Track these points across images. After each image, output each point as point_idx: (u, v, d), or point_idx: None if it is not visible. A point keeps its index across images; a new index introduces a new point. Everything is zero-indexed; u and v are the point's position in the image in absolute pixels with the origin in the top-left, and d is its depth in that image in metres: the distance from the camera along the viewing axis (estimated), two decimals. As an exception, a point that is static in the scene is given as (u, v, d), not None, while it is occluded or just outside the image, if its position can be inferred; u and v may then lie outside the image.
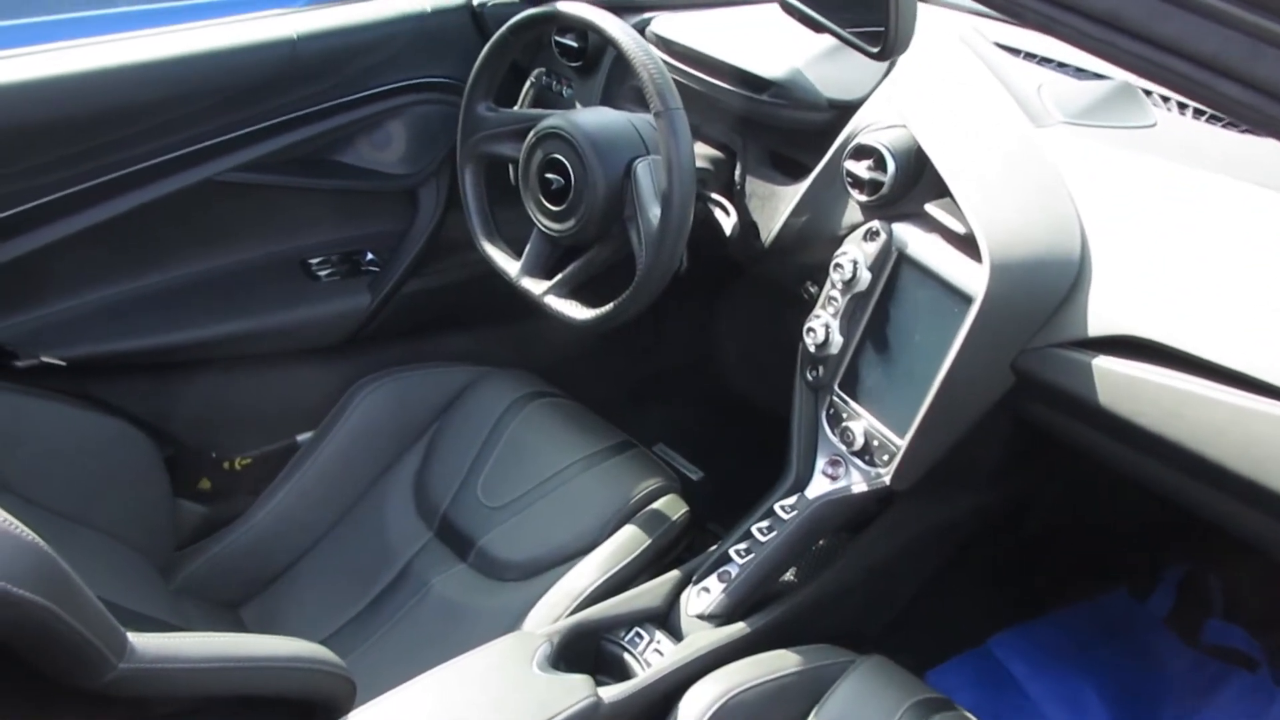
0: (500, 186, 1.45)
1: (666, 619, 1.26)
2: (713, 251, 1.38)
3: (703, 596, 1.25)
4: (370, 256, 1.67)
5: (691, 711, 1.05)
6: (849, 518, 1.27)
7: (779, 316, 1.41)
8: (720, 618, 1.23)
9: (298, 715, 0.94)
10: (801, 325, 1.22)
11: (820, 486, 1.23)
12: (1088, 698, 1.51)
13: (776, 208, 1.31)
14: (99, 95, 1.29)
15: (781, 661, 1.11)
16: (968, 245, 1.05)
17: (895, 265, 1.13)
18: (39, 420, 1.31)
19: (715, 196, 1.35)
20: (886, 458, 1.15)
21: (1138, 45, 0.45)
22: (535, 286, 1.36)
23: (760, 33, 1.38)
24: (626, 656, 1.20)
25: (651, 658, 1.19)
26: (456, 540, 1.46)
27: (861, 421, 1.17)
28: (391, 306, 1.66)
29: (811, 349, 1.20)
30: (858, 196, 1.17)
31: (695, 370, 2.03)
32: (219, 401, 1.57)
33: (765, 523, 1.25)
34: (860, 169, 1.15)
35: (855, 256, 1.15)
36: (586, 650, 1.21)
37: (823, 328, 1.18)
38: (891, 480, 1.14)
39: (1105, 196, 1.07)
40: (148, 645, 0.75)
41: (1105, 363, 0.99)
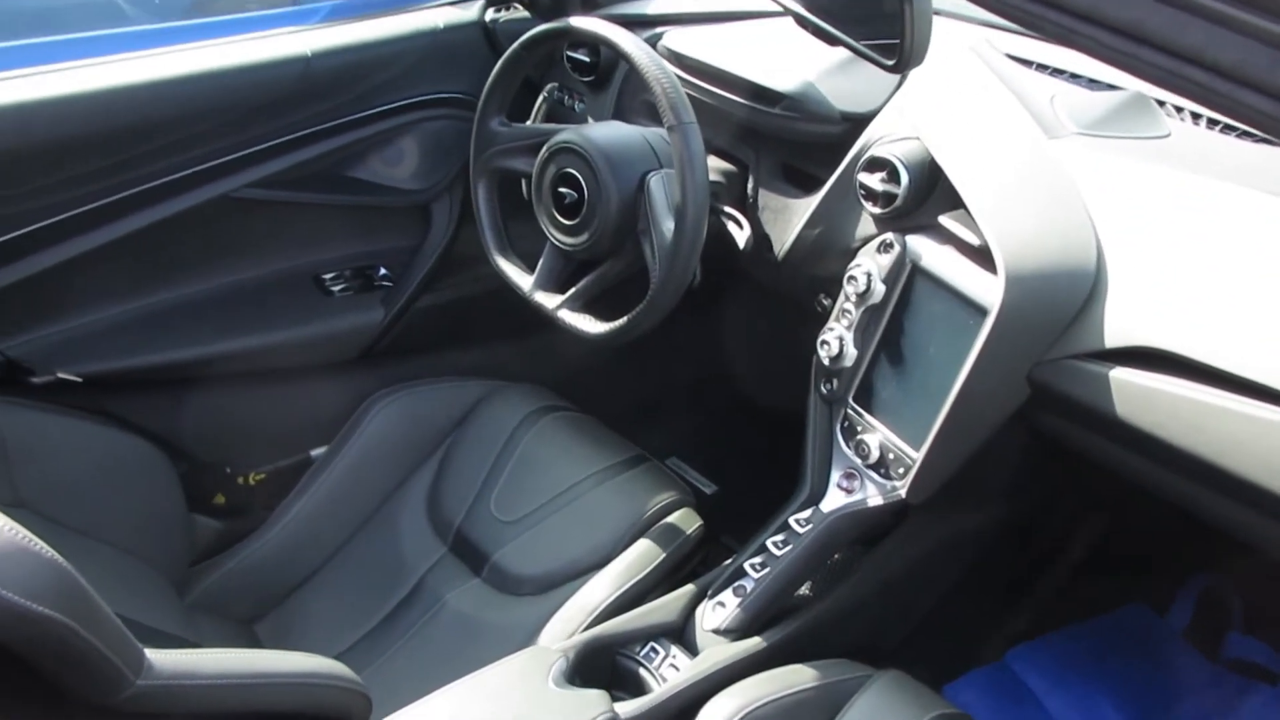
0: (513, 201, 1.45)
1: (682, 634, 1.25)
2: (726, 265, 1.38)
3: (718, 611, 1.25)
4: (383, 271, 1.68)
5: (708, 727, 1.05)
6: (864, 531, 1.26)
7: (790, 328, 1.41)
8: (736, 632, 1.23)
9: (314, 731, 0.94)
10: (813, 335, 1.22)
11: (835, 500, 1.22)
12: (1106, 712, 1.49)
13: (790, 220, 1.31)
14: (116, 113, 1.30)
15: (798, 676, 1.10)
16: (982, 257, 1.05)
17: (909, 277, 1.13)
18: (55, 436, 1.32)
19: (728, 210, 1.35)
20: (902, 471, 1.14)
21: (1159, 56, 0.45)
22: (549, 301, 1.36)
23: (771, 46, 1.38)
24: (642, 672, 1.19)
25: (667, 673, 1.18)
26: (470, 555, 1.45)
27: (876, 434, 1.17)
28: (405, 321, 1.67)
29: (825, 362, 1.20)
30: (871, 209, 1.17)
31: (708, 383, 2.03)
32: (233, 416, 1.57)
33: (780, 536, 1.25)
34: (873, 181, 1.15)
35: (869, 269, 1.15)
36: (602, 665, 1.21)
37: (837, 340, 1.18)
38: (907, 493, 1.14)
39: (1120, 207, 1.07)
40: (165, 662, 0.75)
41: (1122, 374, 0.98)
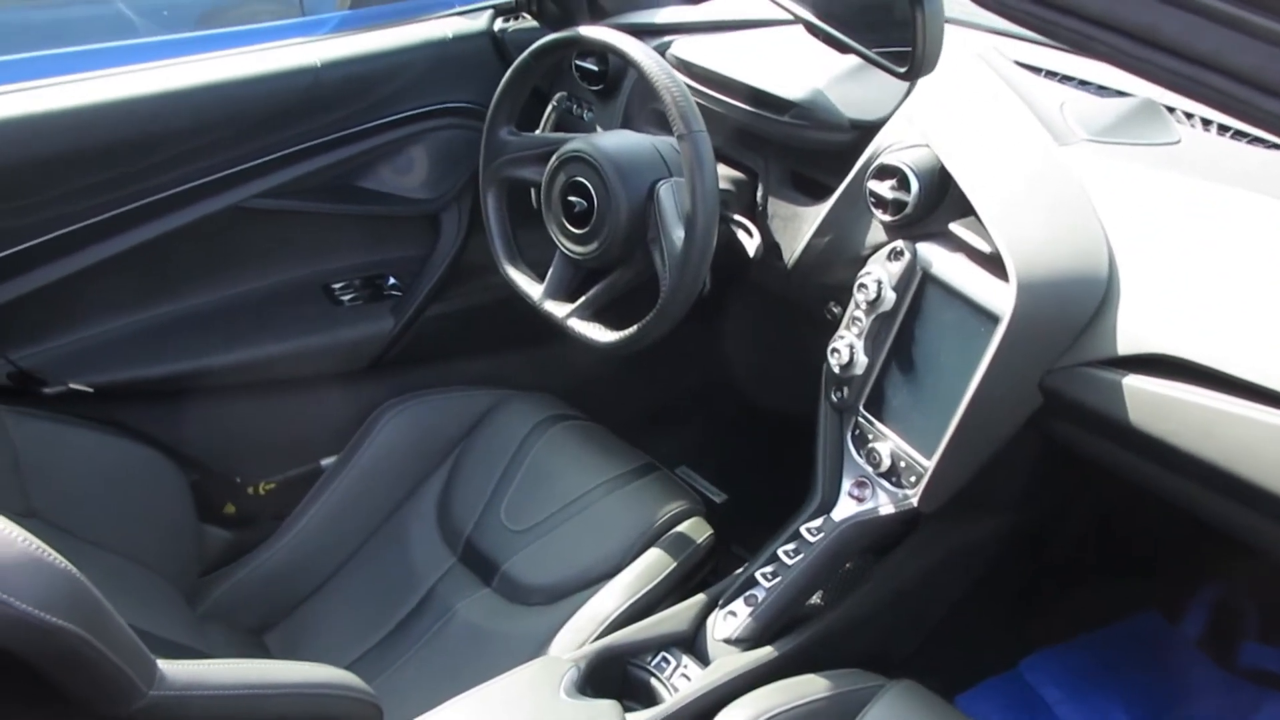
0: (522, 210, 1.45)
1: (693, 643, 1.25)
2: (735, 273, 1.38)
3: (729, 620, 1.24)
4: (393, 281, 1.68)
5: (721, 737, 1.04)
6: (876, 540, 1.26)
7: (800, 336, 1.40)
8: (747, 641, 1.22)
9: (325, 742, 0.94)
10: (823, 344, 1.21)
11: (847, 508, 1.22)
12: (1120, 722, 1.49)
13: (799, 228, 1.31)
14: (126, 124, 1.30)
15: (810, 686, 1.10)
16: (993, 264, 1.05)
17: (920, 285, 1.13)
18: (67, 447, 1.32)
19: (738, 218, 1.35)
20: (914, 479, 1.14)
21: (1175, 62, 0.44)
22: (558, 310, 1.36)
23: (780, 54, 1.38)
24: (653, 681, 1.19)
25: (679, 682, 1.18)
26: (480, 564, 1.45)
27: (888, 443, 1.17)
28: (414, 330, 1.67)
29: (836, 370, 1.20)
30: (881, 216, 1.16)
31: (717, 391, 2.02)
32: (243, 426, 1.58)
33: (791, 545, 1.24)
34: (883, 189, 1.15)
35: (879, 276, 1.14)
36: (613, 675, 1.20)
37: (847, 348, 1.18)
38: (919, 502, 1.13)
39: (1131, 214, 1.06)
40: (177, 673, 0.75)
41: (1135, 381, 0.98)
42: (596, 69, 1.51)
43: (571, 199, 1.28)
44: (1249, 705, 1.51)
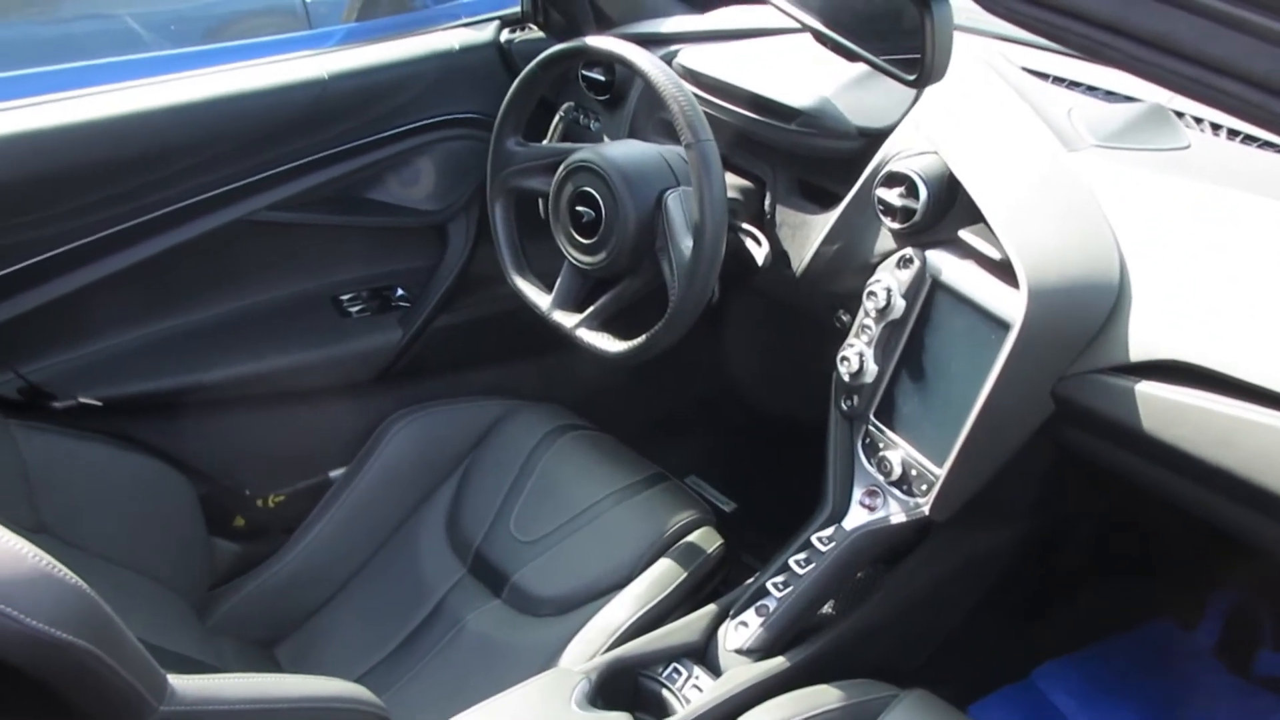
0: (530, 221, 1.45)
1: (704, 654, 1.24)
2: (744, 282, 1.37)
3: (741, 631, 1.24)
4: (401, 292, 1.68)
5: (734, 748, 1.04)
6: (887, 549, 1.25)
7: (808, 344, 1.40)
8: (759, 652, 1.22)
9: (336, 755, 0.93)
10: (832, 352, 1.21)
11: (858, 517, 1.21)
12: (1135, 730, 1.48)
13: (808, 236, 1.31)
14: (134, 138, 1.31)
15: (823, 697, 1.09)
16: (1003, 271, 1.04)
17: (930, 292, 1.12)
18: (76, 461, 1.32)
19: (746, 227, 1.35)
20: (925, 487, 1.13)
21: (1189, 68, 0.44)
22: (567, 319, 1.36)
23: (786, 63, 1.38)
24: (665, 693, 1.18)
25: (690, 694, 1.17)
26: (490, 576, 1.45)
27: (899, 451, 1.16)
28: (422, 342, 1.67)
29: (846, 378, 1.19)
30: (890, 224, 1.16)
31: (726, 400, 2.02)
32: (252, 439, 1.58)
33: (802, 555, 1.24)
34: (892, 196, 1.14)
35: (889, 284, 1.14)
36: (624, 687, 1.20)
37: (857, 356, 1.17)
38: (931, 510, 1.13)
39: (1142, 219, 1.06)
40: (187, 687, 0.75)
41: (1148, 388, 0.97)
42: (603, 79, 1.51)
43: (579, 209, 1.28)
44: (1264, 714, 1.50)
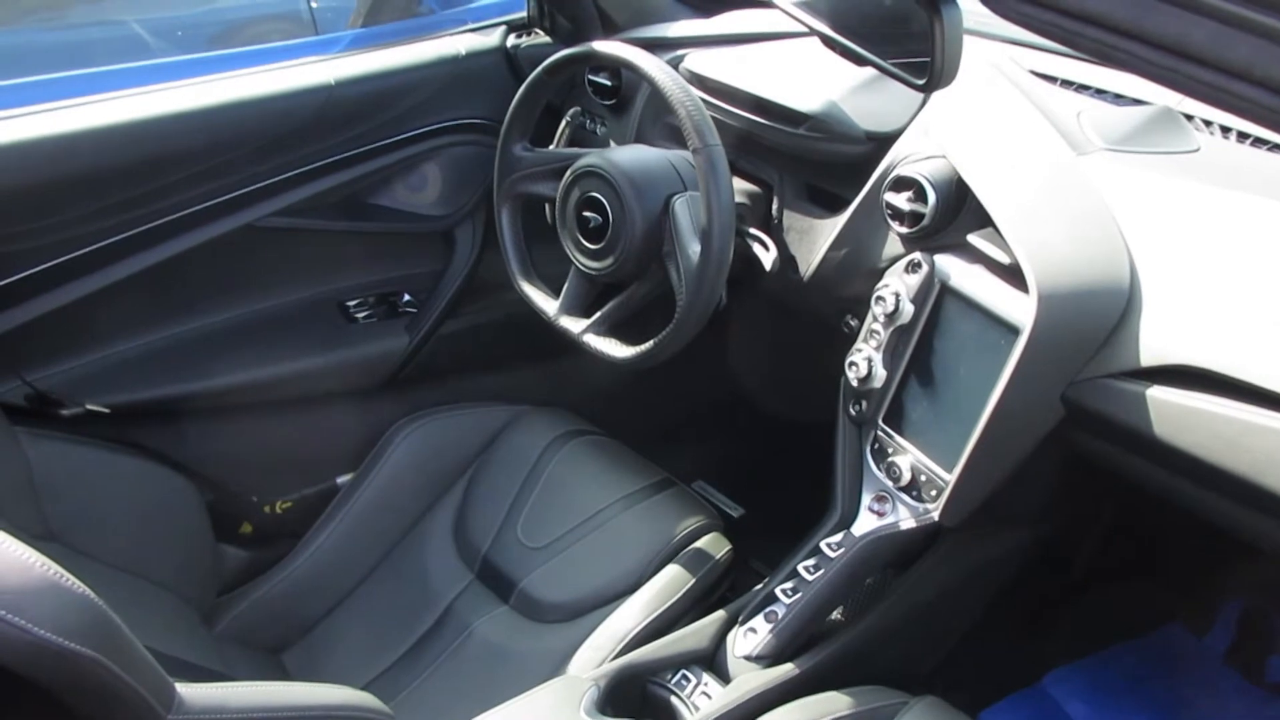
0: (537, 226, 1.45)
1: (713, 660, 1.24)
2: (751, 287, 1.37)
3: (750, 637, 1.23)
4: (407, 298, 1.68)
5: (743, 756, 1.03)
6: (897, 555, 1.25)
7: (817, 349, 1.40)
8: (768, 659, 1.21)
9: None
10: (840, 357, 1.20)
11: (867, 523, 1.21)
12: (1146, 736, 1.47)
13: (815, 241, 1.30)
14: (141, 145, 1.31)
15: (833, 704, 1.09)
16: (1013, 276, 1.04)
17: (938, 297, 1.12)
18: (84, 468, 1.32)
19: (753, 231, 1.35)
20: (935, 493, 1.13)
21: (1204, 72, 0.44)
22: (574, 325, 1.36)
23: (794, 67, 1.37)
24: (674, 700, 1.18)
25: (699, 701, 1.17)
26: (498, 582, 1.44)
27: (908, 456, 1.16)
28: (429, 347, 1.67)
29: (854, 383, 1.19)
30: (898, 228, 1.16)
31: (733, 405, 2.01)
32: (259, 445, 1.58)
33: (811, 561, 1.23)
34: (900, 201, 1.14)
35: (897, 289, 1.13)
36: (633, 694, 1.19)
37: (865, 361, 1.17)
38: (941, 516, 1.12)
39: (1152, 223, 1.05)
40: (195, 696, 0.74)
41: (1160, 393, 0.97)
42: (609, 84, 1.50)
43: (586, 214, 1.28)
44: (1277, 720, 1.49)
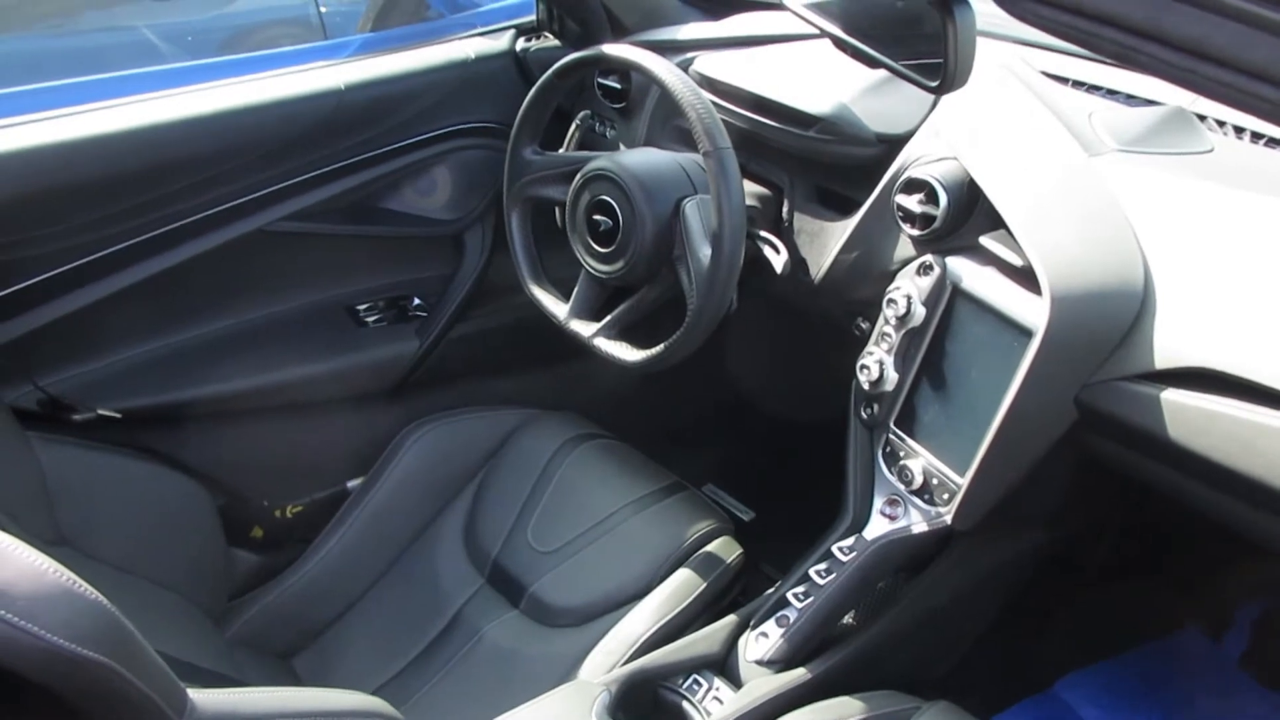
0: (547, 229, 1.45)
1: (725, 665, 1.23)
2: (762, 290, 1.37)
3: (761, 642, 1.23)
4: (417, 302, 1.68)
5: (756, 762, 1.03)
6: (909, 559, 1.24)
7: (827, 351, 1.39)
8: (780, 663, 1.21)
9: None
10: (851, 359, 1.20)
11: (879, 527, 1.20)
12: (1161, 742, 1.46)
13: (826, 244, 1.30)
14: (152, 150, 1.31)
15: (845, 709, 1.08)
16: (1025, 278, 1.03)
17: (950, 300, 1.11)
18: (95, 473, 1.32)
19: (764, 234, 1.34)
20: (947, 497, 1.12)
21: (1224, 73, 0.43)
22: (584, 329, 1.36)
23: (804, 69, 1.37)
24: (685, 705, 1.17)
25: (711, 706, 1.16)
26: (508, 586, 1.44)
27: (920, 460, 1.15)
28: (439, 351, 1.67)
29: (865, 386, 1.18)
30: (909, 231, 1.15)
31: (743, 408, 2.01)
32: (270, 449, 1.58)
33: (823, 565, 1.23)
34: (911, 203, 1.13)
35: (909, 291, 1.13)
36: (644, 699, 1.19)
37: (876, 364, 1.16)
38: (953, 520, 1.12)
39: (1166, 224, 1.05)
40: (207, 702, 0.74)
41: (1175, 396, 0.96)
42: (619, 87, 1.50)
43: (596, 218, 1.28)
44: (1293, 725, 1.48)
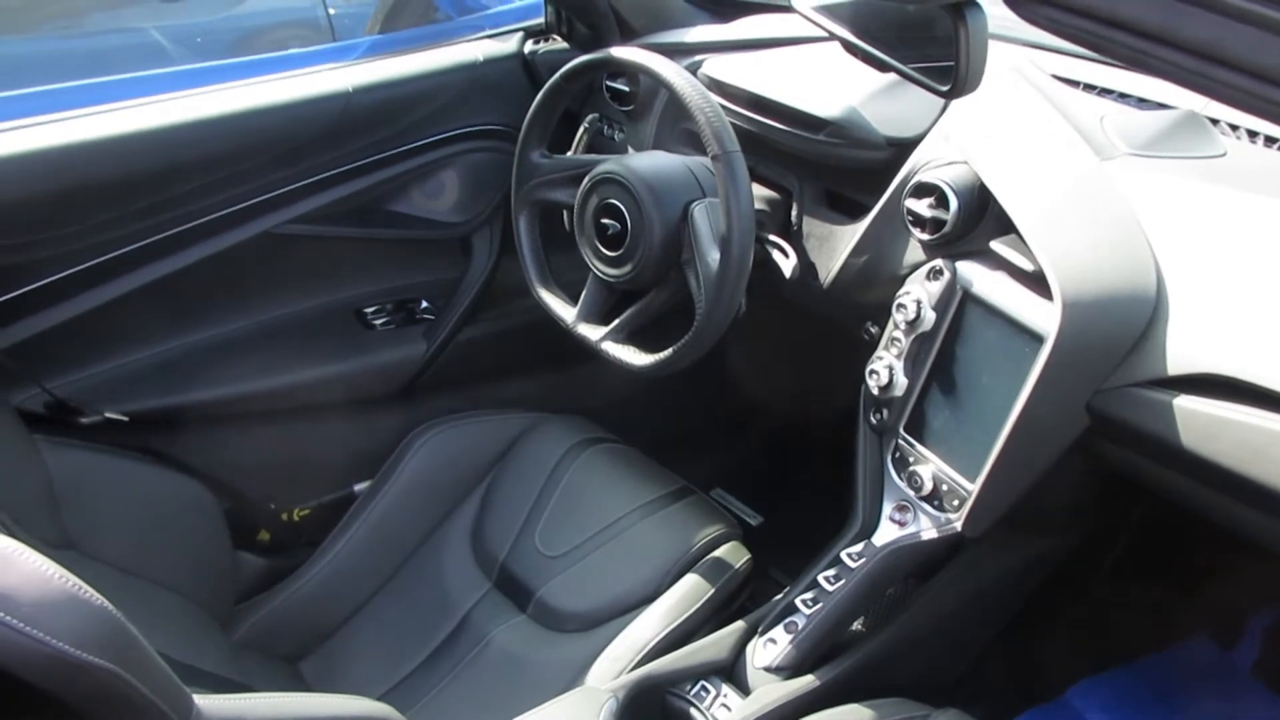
0: (555, 233, 1.44)
1: (732, 671, 1.23)
2: (771, 294, 1.36)
3: (769, 648, 1.22)
4: (425, 304, 1.68)
5: (763, 769, 1.02)
6: (918, 565, 1.23)
7: (836, 356, 1.38)
8: (788, 670, 1.20)
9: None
10: (860, 364, 1.19)
11: (888, 533, 1.19)
12: (1172, 750, 1.45)
13: (835, 248, 1.29)
14: (160, 152, 1.31)
15: (854, 716, 1.08)
16: (1036, 283, 1.02)
17: (960, 304, 1.11)
18: (102, 476, 1.32)
19: (773, 238, 1.34)
20: (957, 503, 1.11)
21: (1238, 77, 0.43)
22: (592, 332, 1.35)
23: (813, 72, 1.36)
24: (693, 711, 1.17)
25: (719, 713, 1.16)
26: (515, 590, 1.44)
27: (929, 465, 1.14)
28: (447, 354, 1.66)
29: (875, 391, 1.18)
30: (919, 235, 1.14)
31: (752, 413, 2.00)
32: (277, 452, 1.58)
33: (832, 571, 1.22)
34: (921, 207, 1.13)
35: (919, 296, 1.12)
36: (652, 705, 1.18)
37: (886, 369, 1.16)
38: (963, 526, 1.11)
39: (1178, 229, 1.04)
40: (212, 708, 0.74)
41: (1187, 402, 0.95)
42: (627, 89, 1.50)
43: (604, 221, 1.27)
44: (1306, 733, 1.47)
